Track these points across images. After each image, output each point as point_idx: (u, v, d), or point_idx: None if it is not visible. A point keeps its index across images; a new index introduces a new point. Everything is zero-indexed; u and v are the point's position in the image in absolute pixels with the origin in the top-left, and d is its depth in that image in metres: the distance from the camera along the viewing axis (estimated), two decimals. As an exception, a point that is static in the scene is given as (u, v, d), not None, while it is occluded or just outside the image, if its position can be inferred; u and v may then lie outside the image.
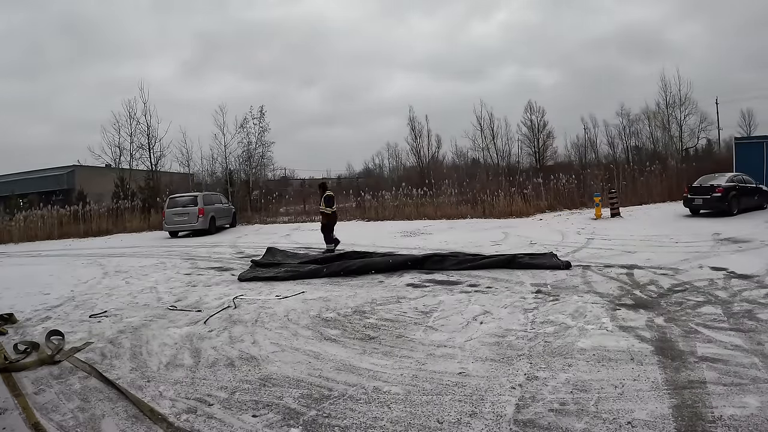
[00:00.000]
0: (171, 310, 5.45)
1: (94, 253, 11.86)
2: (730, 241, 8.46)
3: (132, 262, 9.73)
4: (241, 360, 3.74)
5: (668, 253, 7.54)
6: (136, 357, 3.91)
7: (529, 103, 30.83)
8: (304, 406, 2.88)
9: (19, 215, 19.16)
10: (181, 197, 16.06)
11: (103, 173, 23.99)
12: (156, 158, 23.39)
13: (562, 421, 2.54)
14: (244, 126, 24.48)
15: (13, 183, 25.70)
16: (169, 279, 7.56)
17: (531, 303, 4.98)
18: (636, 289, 5.34)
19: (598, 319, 4.31)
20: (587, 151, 30.99)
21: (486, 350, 3.67)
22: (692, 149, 27.66)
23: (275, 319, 4.84)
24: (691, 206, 13.22)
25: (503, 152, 29.81)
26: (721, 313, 4.29)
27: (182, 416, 2.81)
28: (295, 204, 24.24)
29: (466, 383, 3.08)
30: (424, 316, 4.71)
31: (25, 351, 4.01)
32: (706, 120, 27.53)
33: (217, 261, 9.44)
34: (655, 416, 2.52)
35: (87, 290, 6.87)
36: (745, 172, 14.43)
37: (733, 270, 6.01)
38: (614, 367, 3.20)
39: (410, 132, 30.56)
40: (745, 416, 2.45)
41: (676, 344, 3.56)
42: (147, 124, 22.95)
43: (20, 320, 5.18)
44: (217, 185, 23.67)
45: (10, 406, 3.00)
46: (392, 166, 35.05)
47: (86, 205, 20.00)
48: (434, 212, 18.36)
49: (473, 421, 2.60)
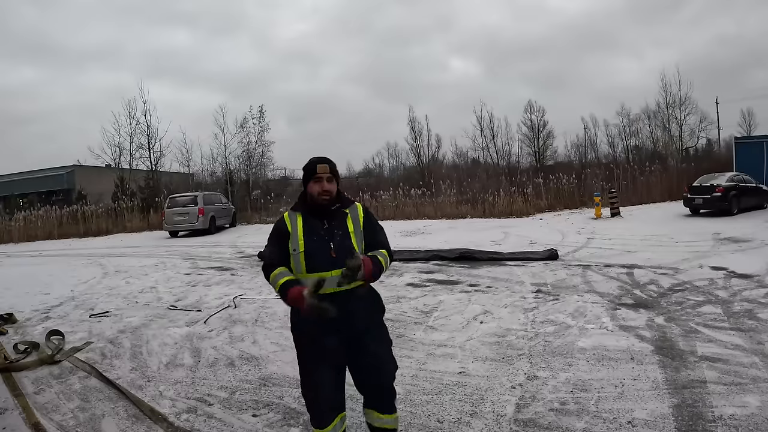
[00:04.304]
0: (171, 309, 5.45)
1: (94, 253, 11.86)
2: (730, 241, 8.46)
3: (132, 262, 9.73)
4: (241, 360, 3.74)
5: (668, 253, 7.54)
6: (136, 357, 3.91)
7: (529, 103, 30.89)
8: (304, 406, 2.86)
9: (19, 215, 19.15)
10: (181, 197, 16.05)
11: (103, 173, 23.97)
12: (156, 158, 23.42)
13: (563, 420, 2.54)
14: (244, 126, 24.53)
15: (13, 183, 25.67)
16: (169, 279, 7.56)
17: (531, 302, 4.98)
18: (636, 289, 5.34)
19: (599, 318, 4.31)
20: (587, 150, 30.97)
21: (486, 350, 3.67)
22: (692, 149, 27.66)
23: (275, 319, 4.84)
24: (691, 206, 13.22)
25: (503, 152, 29.83)
26: (721, 312, 4.28)
27: (182, 416, 2.81)
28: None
29: (466, 383, 3.08)
30: (424, 315, 4.71)
31: (25, 351, 4.01)
32: (706, 120, 27.55)
33: (217, 261, 9.44)
34: (656, 416, 2.52)
35: (87, 290, 6.87)
36: (745, 171, 14.42)
37: (734, 269, 6.01)
38: (614, 367, 3.20)
39: (410, 132, 30.60)
40: (746, 416, 2.45)
41: (676, 344, 3.56)
42: (147, 123, 22.98)
43: (20, 320, 5.18)
44: (217, 185, 23.64)
45: (10, 405, 3.00)
46: (392, 166, 35.08)
47: (86, 205, 19.98)
48: (434, 212, 18.35)
49: (473, 420, 2.60)
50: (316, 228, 2.01)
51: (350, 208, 2.11)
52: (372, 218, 2.15)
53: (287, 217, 2.07)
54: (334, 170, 2.07)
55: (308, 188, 2.05)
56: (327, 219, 2.03)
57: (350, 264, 1.87)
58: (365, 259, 1.92)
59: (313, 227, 2.01)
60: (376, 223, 2.15)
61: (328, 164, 2.06)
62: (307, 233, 2.00)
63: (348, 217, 2.07)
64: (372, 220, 2.14)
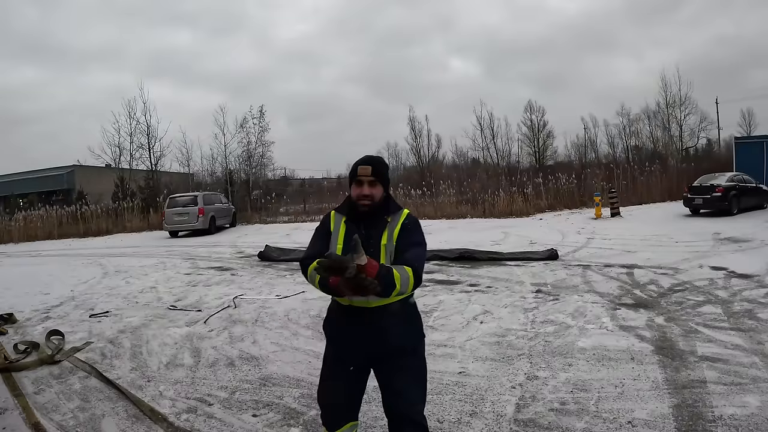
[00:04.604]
0: (171, 309, 5.45)
1: (94, 253, 11.86)
2: (730, 241, 8.46)
3: (132, 262, 9.73)
4: (241, 360, 3.74)
5: (668, 253, 7.54)
6: (136, 357, 3.91)
7: (529, 103, 30.89)
8: (304, 406, 2.87)
9: (19, 215, 19.14)
10: (181, 197, 16.05)
11: (103, 173, 23.96)
12: (156, 158, 23.41)
13: (563, 420, 2.54)
14: (244, 126, 24.53)
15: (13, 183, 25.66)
16: (169, 279, 7.56)
17: (531, 302, 4.98)
18: (636, 289, 5.34)
19: (599, 318, 4.31)
20: (587, 150, 30.97)
21: (486, 350, 3.67)
22: (692, 149, 27.66)
23: (275, 319, 4.84)
24: (691, 206, 13.22)
25: (503, 152, 29.82)
26: (721, 312, 4.28)
27: (182, 416, 2.81)
28: (295, 204, 24.23)
29: (466, 383, 3.08)
30: (424, 315, 4.69)
31: (25, 351, 4.01)
32: (706, 120, 27.55)
33: (217, 261, 9.44)
34: (656, 416, 2.52)
35: (87, 290, 6.87)
36: (745, 171, 14.43)
37: (734, 269, 6.01)
38: (614, 367, 3.20)
39: (410, 132, 30.62)
40: (746, 416, 2.45)
41: (676, 344, 3.56)
42: (147, 123, 22.97)
43: (20, 320, 5.17)
44: (217, 185, 23.65)
45: (10, 405, 3.00)
46: (392, 166, 35.03)
47: (86, 205, 19.98)
48: (434, 212, 18.36)
49: (473, 420, 2.60)
50: (353, 234, 1.80)
51: (393, 216, 1.86)
52: (410, 232, 1.85)
53: (333, 216, 1.93)
54: (378, 172, 1.84)
55: (351, 190, 1.88)
56: (366, 226, 1.83)
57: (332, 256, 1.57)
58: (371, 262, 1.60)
59: (352, 233, 1.80)
60: (411, 238, 1.84)
61: (371, 165, 1.84)
62: (346, 238, 1.83)
63: (386, 228, 1.84)
64: (408, 235, 1.84)
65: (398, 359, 1.86)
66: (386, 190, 1.89)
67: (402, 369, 1.86)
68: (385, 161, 1.98)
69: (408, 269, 1.73)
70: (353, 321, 1.86)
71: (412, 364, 1.89)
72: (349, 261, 1.53)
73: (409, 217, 1.89)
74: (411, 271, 1.73)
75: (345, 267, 1.53)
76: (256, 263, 8.78)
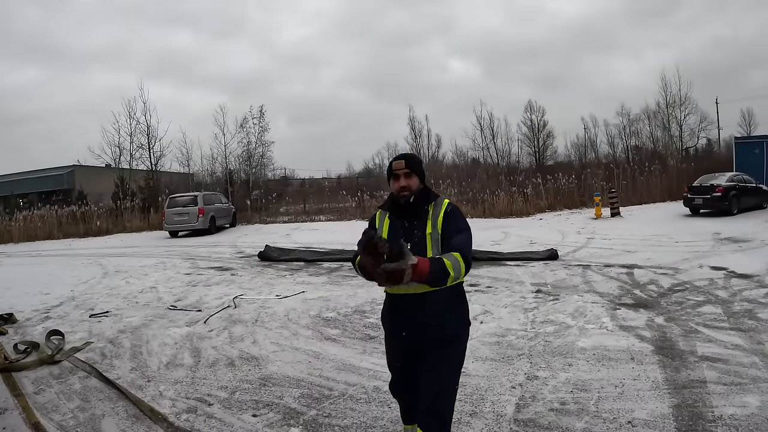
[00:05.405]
0: (171, 309, 5.45)
1: (94, 253, 11.85)
2: (730, 241, 8.46)
3: (132, 262, 9.73)
4: (241, 360, 3.74)
5: (668, 253, 7.54)
6: (136, 357, 3.91)
7: (529, 103, 30.90)
8: (304, 406, 2.87)
9: (19, 215, 19.12)
10: (181, 197, 16.04)
11: (103, 173, 23.96)
12: (156, 158, 23.38)
13: (563, 420, 2.54)
14: (244, 126, 24.52)
15: (13, 183, 25.66)
16: (169, 279, 7.56)
17: (531, 302, 4.98)
18: (636, 289, 5.34)
19: (599, 318, 4.31)
20: (587, 150, 30.98)
21: (486, 350, 3.67)
22: (692, 149, 27.65)
23: (275, 319, 4.84)
24: (691, 206, 13.22)
25: (503, 152, 29.83)
26: (721, 312, 4.29)
27: (182, 416, 2.81)
28: (295, 204, 24.22)
29: (467, 383, 3.08)
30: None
31: (25, 351, 4.01)
32: (706, 120, 27.54)
33: (217, 261, 9.44)
34: (656, 416, 2.52)
35: (87, 290, 6.87)
36: (745, 171, 14.42)
37: (733, 269, 6.01)
38: (614, 367, 3.20)
39: (410, 132, 30.62)
40: (746, 416, 2.45)
41: (676, 344, 3.56)
42: (147, 123, 22.96)
43: (20, 320, 5.17)
44: (217, 185, 23.63)
45: (10, 405, 3.00)
46: (392, 166, 35.03)
47: (86, 205, 19.97)
48: (434, 212, 18.32)
49: (473, 420, 2.60)
50: (397, 228, 1.92)
51: (434, 204, 1.93)
52: (453, 219, 1.90)
53: (378, 215, 2.03)
54: (412, 164, 1.94)
55: (391, 186, 1.98)
56: (408, 218, 1.92)
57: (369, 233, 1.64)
58: (421, 261, 1.65)
59: (395, 228, 1.92)
60: (456, 225, 1.89)
61: (404, 159, 1.95)
62: (390, 233, 1.91)
63: (429, 216, 1.90)
64: (452, 221, 1.89)
65: (436, 348, 1.89)
66: (422, 181, 1.96)
67: (438, 360, 1.88)
68: (418, 156, 2.02)
69: (457, 255, 1.77)
70: (395, 308, 1.96)
71: (450, 353, 1.91)
72: (404, 265, 1.58)
73: (450, 205, 1.95)
74: (460, 257, 1.78)
75: (375, 244, 1.60)
76: (256, 263, 8.78)
